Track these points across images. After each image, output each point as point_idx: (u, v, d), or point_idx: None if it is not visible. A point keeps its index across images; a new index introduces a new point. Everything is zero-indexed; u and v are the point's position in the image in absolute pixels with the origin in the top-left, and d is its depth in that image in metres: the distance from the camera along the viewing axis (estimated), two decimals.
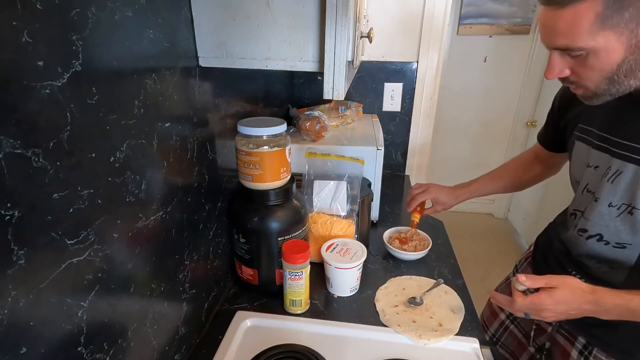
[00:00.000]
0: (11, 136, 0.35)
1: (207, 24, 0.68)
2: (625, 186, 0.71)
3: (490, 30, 2.80)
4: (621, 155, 0.72)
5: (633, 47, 0.59)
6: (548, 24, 0.63)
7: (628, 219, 0.72)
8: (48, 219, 0.40)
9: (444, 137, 3.12)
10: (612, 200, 0.73)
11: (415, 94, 1.65)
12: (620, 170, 0.72)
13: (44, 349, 0.41)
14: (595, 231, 0.77)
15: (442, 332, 0.83)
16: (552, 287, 0.70)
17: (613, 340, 0.78)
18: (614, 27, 0.58)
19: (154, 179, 0.60)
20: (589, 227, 0.78)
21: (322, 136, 1.25)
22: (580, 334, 0.83)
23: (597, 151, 0.77)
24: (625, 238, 0.73)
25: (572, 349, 0.83)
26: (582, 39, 0.60)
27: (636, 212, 0.70)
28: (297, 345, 0.78)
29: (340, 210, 1.07)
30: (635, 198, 0.69)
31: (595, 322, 0.78)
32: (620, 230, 0.73)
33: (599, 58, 0.61)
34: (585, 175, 0.80)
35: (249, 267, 0.92)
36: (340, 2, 0.59)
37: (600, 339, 0.79)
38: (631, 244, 0.73)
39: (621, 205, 0.72)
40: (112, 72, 0.49)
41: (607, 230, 0.75)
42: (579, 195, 0.82)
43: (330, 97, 0.67)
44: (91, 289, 0.47)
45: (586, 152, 0.80)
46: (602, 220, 0.76)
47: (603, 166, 0.75)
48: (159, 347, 0.67)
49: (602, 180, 0.75)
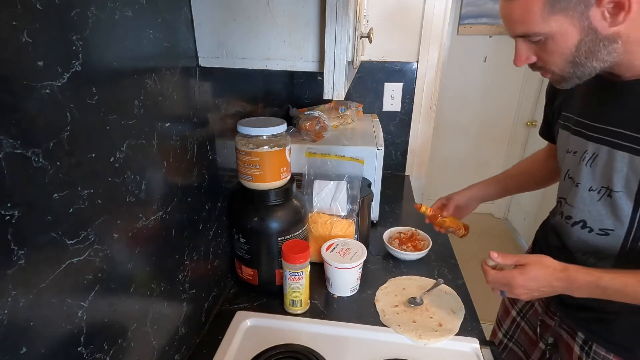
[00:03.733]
0: (11, 136, 0.35)
1: (207, 24, 0.68)
2: (602, 169, 0.72)
3: (490, 30, 2.80)
4: (595, 138, 0.73)
5: (587, 29, 0.62)
6: (506, 14, 0.67)
7: (608, 202, 0.72)
8: (48, 219, 0.40)
9: (444, 137, 3.12)
10: (592, 185, 0.74)
11: (415, 94, 1.65)
12: (596, 154, 0.72)
13: (44, 349, 0.41)
14: (579, 217, 0.78)
15: (442, 332, 0.83)
16: (524, 265, 0.72)
17: (611, 336, 0.78)
18: (563, 10, 0.61)
19: (154, 179, 0.60)
20: (573, 214, 0.79)
21: (322, 136, 1.25)
22: (580, 329, 0.83)
23: (575, 136, 0.78)
24: (608, 223, 0.73)
25: (574, 344, 0.84)
26: (536, 24, 0.63)
27: (614, 194, 0.70)
28: (297, 345, 0.78)
29: (340, 210, 1.07)
30: (612, 180, 0.70)
31: (592, 318, 0.79)
32: (602, 215, 0.73)
33: (556, 42, 0.64)
34: (566, 161, 0.81)
35: (249, 267, 0.92)
36: (340, 2, 0.59)
37: (598, 334, 0.79)
38: (613, 230, 0.73)
39: (600, 189, 0.73)
40: (112, 72, 0.49)
41: (590, 216, 0.76)
42: (562, 181, 0.83)
43: (330, 97, 0.67)
44: (91, 289, 0.47)
45: (566, 138, 0.81)
46: (585, 205, 0.76)
47: (580, 151, 0.76)
48: (159, 347, 0.67)
49: (579, 165, 0.76)
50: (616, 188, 0.70)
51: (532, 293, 0.73)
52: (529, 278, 0.72)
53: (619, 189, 0.69)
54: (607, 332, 0.78)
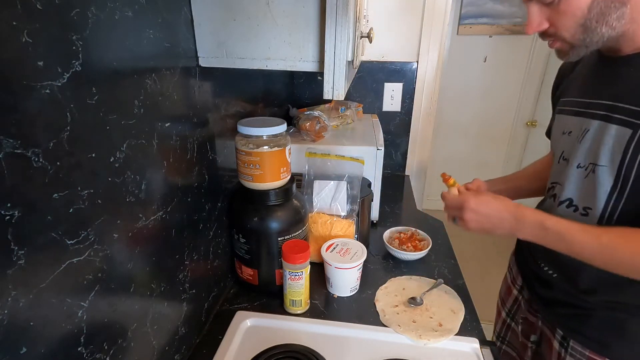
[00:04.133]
0: (11, 136, 0.35)
1: (207, 24, 0.68)
2: (590, 144, 0.71)
3: (490, 30, 2.80)
4: (588, 114, 0.73)
5: None
6: None
7: (592, 178, 0.71)
8: (48, 219, 0.40)
9: (444, 137, 3.12)
10: (580, 161, 0.73)
11: (415, 94, 1.65)
12: (587, 129, 0.72)
13: (44, 349, 0.41)
14: (566, 196, 0.77)
15: (442, 332, 0.83)
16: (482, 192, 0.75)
17: (586, 332, 0.78)
18: None
19: (154, 179, 0.60)
20: (560, 193, 0.78)
21: (322, 136, 1.25)
22: (558, 326, 0.83)
23: (570, 116, 0.78)
24: (589, 201, 0.72)
25: (554, 340, 0.84)
26: None
27: (598, 169, 0.69)
28: (297, 345, 0.78)
29: (340, 210, 1.07)
30: (599, 155, 0.69)
31: (570, 314, 0.80)
32: (587, 192, 0.73)
33: (569, 2, 0.64)
34: (561, 143, 0.81)
35: (249, 267, 0.92)
36: (340, 2, 0.59)
37: (574, 330, 0.80)
38: (591, 209, 0.72)
39: (588, 165, 0.72)
40: (112, 72, 0.49)
41: (577, 194, 0.75)
42: (555, 165, 0.83)
43: (330, 97, 0.67)
44: (91, 289, 0.47)
45: (563, 121, 0.81)
46: (573, 183, 0.75)
47: (575, 130, 0.76)
48: (159, 347, 0.67)
49: (574, 144, 0.76)
50: (601, 162, 0.69)
51: (480, 221, 0.74)
52: (481, 202, 0.74)
53: (603, 163, 0.68)
54: (583, 327, 0.78)
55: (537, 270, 0.87)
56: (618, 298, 0.73)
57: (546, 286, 0.85)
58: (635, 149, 0.64)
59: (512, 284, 1.01)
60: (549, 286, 0.84)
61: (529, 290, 0.92)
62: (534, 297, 0.90)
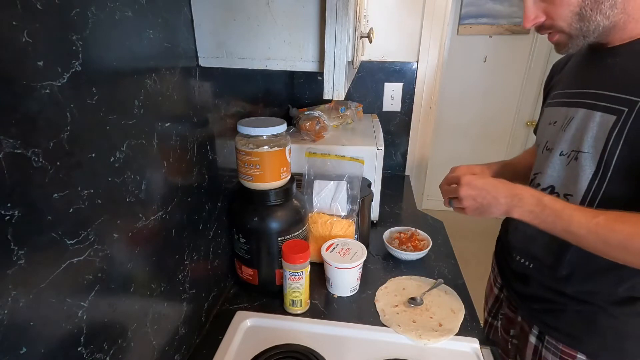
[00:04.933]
0: (11, 136, 0.35)
1: (207, 24, 0.68)
2: (575, 131, 0.72)
3: (490, 30, 2.79)
4: (574, 103, 0.74)
5: None
6: None
7: (574, 165, 0.72)
8: (48, 219, 0.40)
9: (444, 137, 3.12)
10: (563, 149, 0.74)
11: (415, 94, 1.65)
12: (572, 117, 0.73)
13: (44, 349, 0.41)
14: (548, 183, 0.78)
15: (442, 332, 0.83)
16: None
17: (560, 326, 0.79)
18: None
19: (154, 179, 0.60)
20: (542, 181, 0.79)
21: (322, 136, 1.25)
22: (534, 321, 0.84)
23: (558, 107, 0.79)
24: (570, 188, 0.73)
25: (530, 335, 0.85)
26: None
27: (580, 155, 0.70)
28: (297, 345, 0.78)
29: (340, 210, 1.07)
30: (582, 142, 0.70)
31: (545, 309, 0.81)
32: (568, 179, 0.73)
33: None
34: (546, 133, 0.82)
35: (249, 267, 0.92)
36: (340, 2, 0.59)
37: (549, 325, 0.81)
38: (572, 195, 0.73)
39: (570, 153, 0.73)
40: (112, 72, 0.49)
41: (559, 181, 0.76)
42: (539, 155, 0.84)
43: (330, 97, 0.67)
44: (91, 289, 0.47)
45: (550, 113, 0.82)
46: (555, 171, 0.76)
47: (560, 120, 0.77)
48: (159, 347, 0.67)
49: (558, 133, 0.77)
50: (584, 149, 0.70)
51: (476, 197, 0.73)
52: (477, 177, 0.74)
53: (586, 150, 0.69)
54: (556, 322, 0.80)
55: (514, 265, 0.89)
56: (590, 287, 0.75)
57: (523, 281, 0.86)
58: (618, 134, 0.65)
59: (494, 283, 1.02)
60: (526, 281, 0.85)
61: (507, 288, 0.94)
62: (512, 294, 0.91)
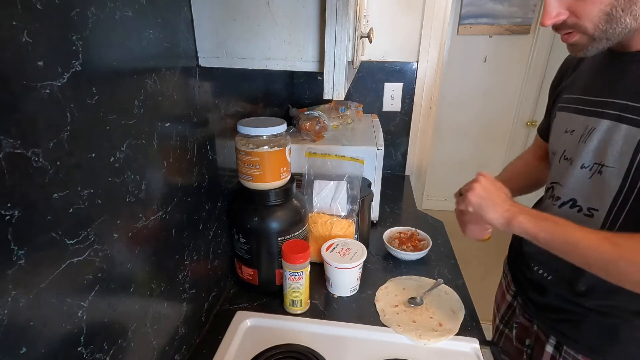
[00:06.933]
0: (11, 136, 0.35)
1: (207, 24, 0.68)
2: (597, 143, 0.68)
3: (490, 30, 2.80)
4: (595, 112, 0.69)
5: None
6: None
7: (598, 179, 0.68)
8: (48, 219, 0.40)
9: (444, 137, 3.12)
10: (585, 161, 0.70)
11: (415, 94, 1.65)
12: (593, 127, 0.69)
13: (44, 349, 0.41)
14: (569, 197, 0.74)
15: (442, 332, 0.83)
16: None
17: (579, 337, 0.77)
18: None
19: (154, 179, 0.60)
20: (562, 194, 0.75)
21: (322, 136, 1.25)
22: (551, 331, 0.82)
23: (575, 114, 0.75)
24: (595, 202, 0.69)
25: (547, 344, 0.83)
26: None
27: (605, 170, 0.66)
28: (297, 345, 0.78)
29: (340, 210, 1.07)
30: (606, 155, 0.66)
31: (563, 319, 0.78)
32: (592, 193, 0.70)
33: None
34: (562, 142, 0.78)
35: (249, 267, 0.92)
36: (340, 2, 0.59)
37: (567, 335, 0.78)
38: (597, 210, 0.69)
39: (593, 166, 0.69)
40: (112, 72, 0.49)
41: (581, 194, 0.72)
42: (555, 165, 0.79)
43: (330, 97, 0.67)
44: (91, 289, 0.47)
45: (566, 119, 0.78)
46: (577, 184, 0.72)
47: (579, 129, 0.73)
48: (159, 347, 0.67)
49: (578, 143, 0.72)
50: (608, 163, 0.66)
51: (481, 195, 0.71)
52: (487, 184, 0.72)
53: (611, 164, 0.65)
54: (575, 333, 0.77)
55: (531, 275, 0.86)
56: (612, 302, 0.72)
57: (540, 291, 0.83)
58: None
59: (507, 290, 0.99)
60: (543, 291, 0.82)
61: (522, 297, 0.91)
62: (527, 303, 0.88)
